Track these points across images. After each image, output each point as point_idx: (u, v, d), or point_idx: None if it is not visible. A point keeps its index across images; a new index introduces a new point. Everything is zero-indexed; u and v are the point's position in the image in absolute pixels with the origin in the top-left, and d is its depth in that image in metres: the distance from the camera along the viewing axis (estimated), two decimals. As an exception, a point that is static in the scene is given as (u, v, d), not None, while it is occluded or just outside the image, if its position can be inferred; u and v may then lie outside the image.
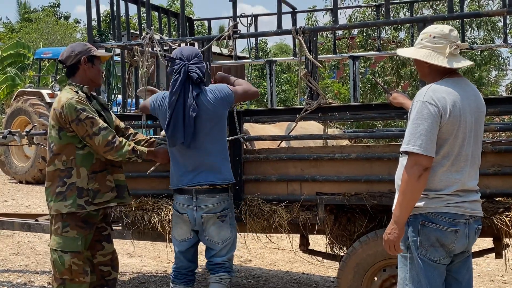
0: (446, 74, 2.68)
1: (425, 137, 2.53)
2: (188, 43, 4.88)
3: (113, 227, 4.06)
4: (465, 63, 2.70)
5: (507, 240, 3.56)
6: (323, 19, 17.14)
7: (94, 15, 4.66)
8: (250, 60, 6.06)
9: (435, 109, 2.54)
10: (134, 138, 3.74)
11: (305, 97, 3.79)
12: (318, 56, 3.81)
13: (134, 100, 4.74)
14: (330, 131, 5.00)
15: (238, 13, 4.99)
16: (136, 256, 6.26)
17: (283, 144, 4.29)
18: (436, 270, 2.68)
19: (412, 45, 4.21)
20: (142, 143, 3.73)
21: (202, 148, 3.37)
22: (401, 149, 2.63)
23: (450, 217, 2.61)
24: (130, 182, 3.79)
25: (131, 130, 3.80)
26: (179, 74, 3.34)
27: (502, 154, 3.33)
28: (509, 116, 9.82)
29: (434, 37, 2.68)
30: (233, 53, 5.44)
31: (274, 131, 4.75)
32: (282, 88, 20.33)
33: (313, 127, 4.85)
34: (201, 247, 3.58)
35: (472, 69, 11.99)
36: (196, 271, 3.64)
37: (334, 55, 5.87)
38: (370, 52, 10.39)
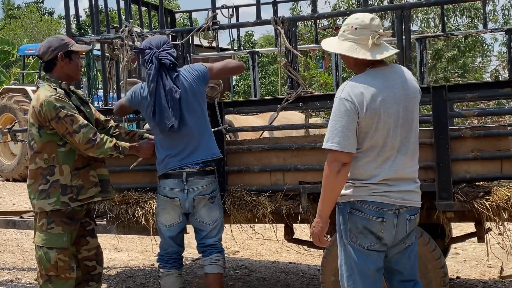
0: (371, 64, 2.64)
1: (342, 133, 2.53)
2: (170, 35, 4.86)
3: (98, 222, 4.06)
4: (388, 53, 2.63)
5: (488, 224, 3.59)
6: (308, 10, 17.09)
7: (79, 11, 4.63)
8: (232, 52, 6.03)
9: (352, 106, 2.53)
10: (115, 131, 3.72)
11: (286, 87, 3.80)
12: (301, 46, 3.81)
13: (115, 95, 4.72)
14: (312, 120, 5.01)
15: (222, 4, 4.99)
16: (124, 250, 6.26)
17: (267, 134, 4.29)
18: (369, 257, 2.66)
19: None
20: (123, 135, 3.71)
21: (188, 127, 3.42)
22: (323, 146, 2.61)
23: (376, 206, 2.60)
24: (113, 176, 3.77)
25: (112, 123, 3.77)
26: (151, 63, 3.41)
27: (481, 139, 3.36)
28: (493, 102, 9.92)
29: (355, 28, 2.61)
30: (213, 45, 5.42)
31: (258, 122, 4.74)
32: (270, 79, 20.26)
33: (296, 117, 4.86)
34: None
35: (457, 56, 12.04)
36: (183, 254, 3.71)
37: (316, 45, 5.85)
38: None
